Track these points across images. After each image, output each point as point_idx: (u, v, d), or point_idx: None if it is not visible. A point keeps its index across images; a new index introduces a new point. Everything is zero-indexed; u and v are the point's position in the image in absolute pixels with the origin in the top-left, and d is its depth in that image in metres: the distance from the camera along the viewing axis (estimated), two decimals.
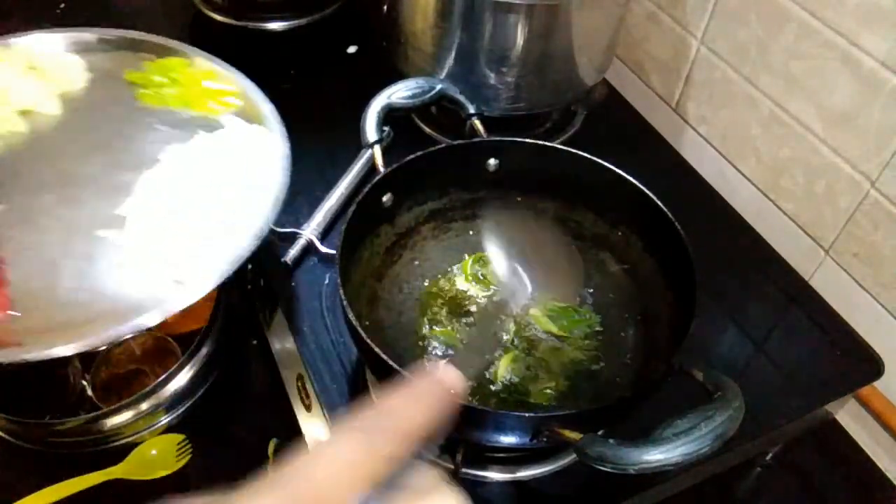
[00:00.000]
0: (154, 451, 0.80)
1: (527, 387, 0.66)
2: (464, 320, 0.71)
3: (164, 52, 0.74)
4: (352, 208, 0.64)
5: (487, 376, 0.66)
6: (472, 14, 0.78)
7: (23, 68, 0.69)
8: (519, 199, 0.77)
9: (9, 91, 0.67)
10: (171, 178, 0.62)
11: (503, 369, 0.66)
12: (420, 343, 0.69)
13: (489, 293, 0.73)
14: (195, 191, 0.62)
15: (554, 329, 0.70)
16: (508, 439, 0.56)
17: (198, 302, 0.56)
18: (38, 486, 0.73)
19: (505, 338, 0.69)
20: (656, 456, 0.46)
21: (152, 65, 0.73)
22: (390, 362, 0.53)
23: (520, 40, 0.79)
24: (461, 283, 0.74)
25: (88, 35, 0.75)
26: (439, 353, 0.68)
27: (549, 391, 0.66)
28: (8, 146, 0.64)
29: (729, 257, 0.82)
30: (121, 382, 0.83)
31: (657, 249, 0.68)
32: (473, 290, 0.73)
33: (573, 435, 0.51)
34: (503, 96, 0.84)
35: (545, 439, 0.54)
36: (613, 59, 0.95)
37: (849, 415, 0.81)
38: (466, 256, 0.76)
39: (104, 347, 0.71)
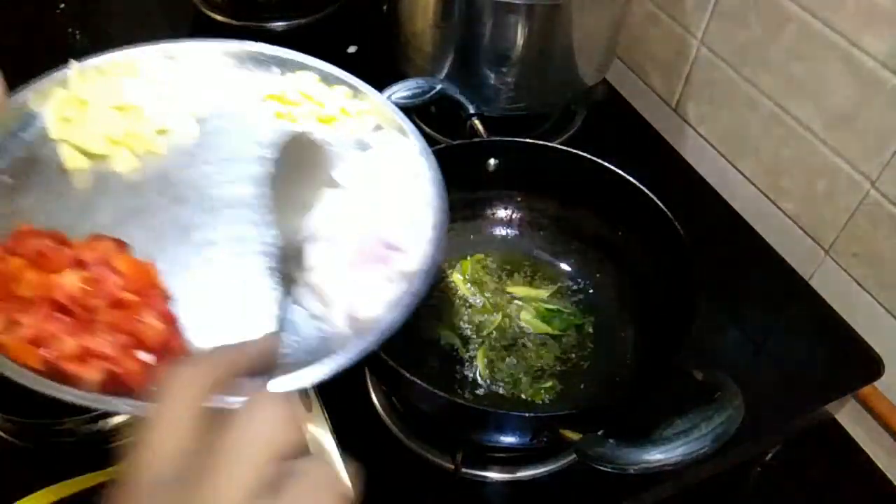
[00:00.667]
0: None
1: (519, 385, 0.66)
2: (464, 320, 0.71)
3: (294, 67, 0.65)
4: None
5: (469, 375, 0.66)
6: (472, 14, 0.78)
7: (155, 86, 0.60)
8: (519, 199, 0.77)
9: (143, 110, 0.59)
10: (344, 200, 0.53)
11: (481, 364, 0.67)
12: (420, 343, 0.69)
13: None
14: (369, 216, 0.53)
15: (548, 329, 0.70)
16: (508, 439, 0.56)
17: None
18: (38, 486, 0.73)
19: (485, 332, 0.70)
20: (656, 456, 0.47)
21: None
22: (390, 362, 0.53)
23: (520, 40, 0.79)
24: (461, 284, 0.74)
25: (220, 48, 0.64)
26: (440, 353, 0.68)
27: (543, 390, 0.66)
28: (149, 169, 0.55)
29: (729, 257, 0.82)
30: None
31: (657, 249, 0.68)
32: (474, 290, 0.73)
33: (573, 435, 0.51)
34: (503, 96, 0.84)
35: (545, 439, 0.54)
36: (613, 59, 0.95)
37: (849, 415, 0.81)
38: (468, 257, 0.76)
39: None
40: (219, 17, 1.03)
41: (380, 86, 0.80)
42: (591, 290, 0.74)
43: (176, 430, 0.31)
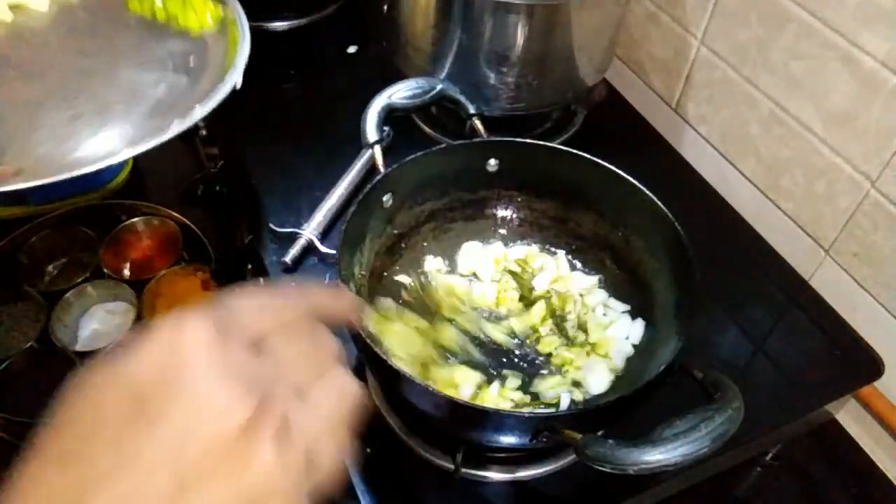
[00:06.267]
0: None
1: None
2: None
3: None
4: (352, 208, 0.64)
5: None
6: (472, 14, 0.78)
7: None
8: (519, 199, 0.77)
9: None
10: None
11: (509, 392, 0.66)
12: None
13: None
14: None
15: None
16: (508, 439, 0.56)
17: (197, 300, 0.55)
18: None
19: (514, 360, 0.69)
20: (656, 456, 0.46)
21: None
22: (390, 362, 0.53)
23: (520, 40, 0.79)
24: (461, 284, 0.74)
25: None
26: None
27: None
28: None
29: (729, 257, 0.82)
30: None
31: (657, 249, 0.68)
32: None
33: (573, 435, 0.51)
34: (503, 96, 0.84)
35: (545, 439, 0.54)
36: (613, 59, 0.95)
37: (849, 415, 0.81)
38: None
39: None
40: None
41: (380, 86, 0.81)
42: None
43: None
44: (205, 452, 0.26)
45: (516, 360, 0.68)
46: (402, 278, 0.72)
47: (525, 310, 0.71)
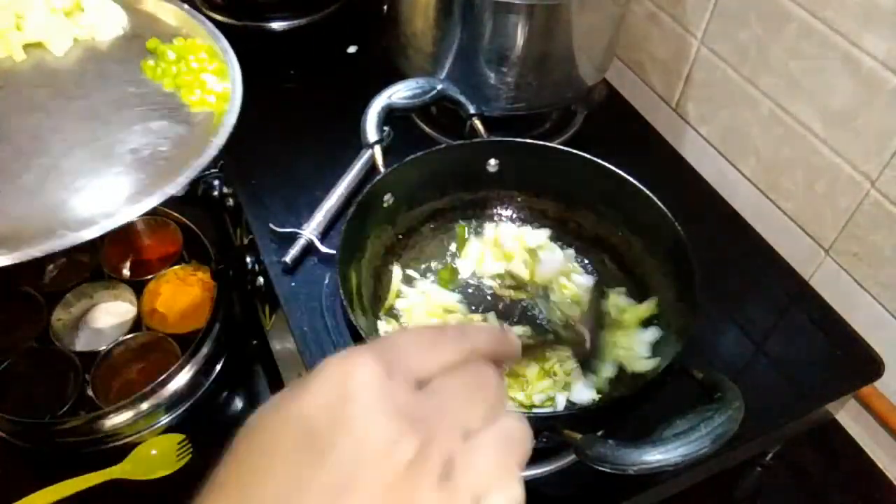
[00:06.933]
0: (154, 451, 0.80)
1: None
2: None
3: (198, 34, 0.77)
4: (352, 208, 0.64)
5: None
6: (472, 14, 0.77)
7: (68, 5, 0.74)
8: (519, 199, 0.77)
9: (24, 21, 0.71)
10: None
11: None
12: None
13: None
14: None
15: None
16: None
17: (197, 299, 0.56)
18: (38, 486, 0.73)
19: None
20: (655, 456, 0.47)
21: (181, 42, 0.75)
22: None
23: (520, 40, 0.79)
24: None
25: None
26: None
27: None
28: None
29: (729, 257, 0.82)
30: (121, 382, 0.83)
31: (657, 250, 0.68)
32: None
33: (573, 435, 0.51)
34: (503, 96, 0.84)
35: (545, 439, 0.54)
36: (613, 59, 0.95)
37: (849, 415, 0.81)
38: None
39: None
40: (219, 17, 1.02)
41: (380, 86, 0.81)
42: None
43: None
44: (370, 490, 0.26)
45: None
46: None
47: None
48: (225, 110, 0.69)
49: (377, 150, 0.76)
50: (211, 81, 0.71)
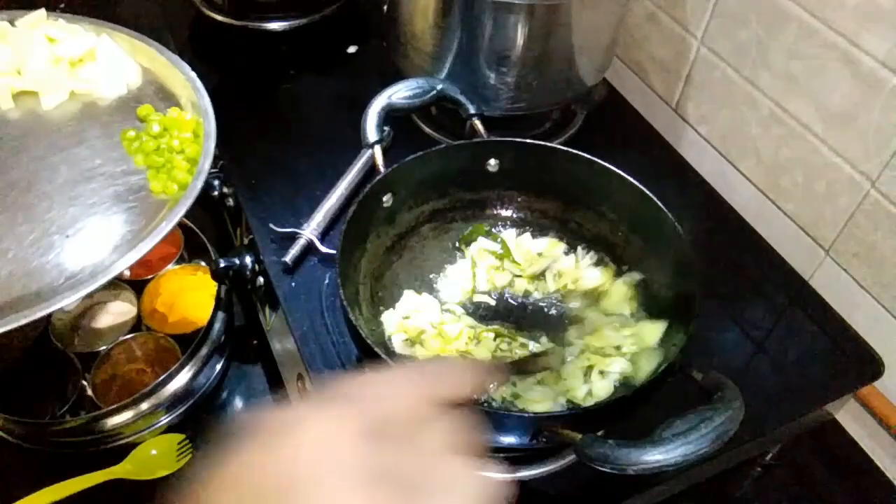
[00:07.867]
0: (154, 451, 0.80)
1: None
2: None
3: (195, 110, 0.73)
4: (352, 208, 0.64)
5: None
6: (472, 14, 0.77)
7: (79, 54, 0.71)
8: (519, 199, 0.77)
9: (24, 67, 0.69)
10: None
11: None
12: None
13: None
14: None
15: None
16: (508, 439, 0.56)
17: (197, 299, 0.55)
18: (38, 486, 0.73)
19: None
20: (655, 456, 0.46)
21: (174, 115, 0.71)
22: (391, 363, 0.53)
23: (520, 40, 0.79)
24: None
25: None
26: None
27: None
28: None
29: (729, 257, 0.82)
30: (121, 382, 0.83)
31: (657, 249, 0.68)
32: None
33: (573, 435, 0.51)
34: (503, 96, 0.84)
35: (545, 439, 0.54)
36: (613, 59, 0.95)
37: (849, 415, 0.81)
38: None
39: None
40: (219, 18, 1.02)
41: (380, 86, 0.81)
42: None
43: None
44: None
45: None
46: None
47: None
48: (178, 199, 0.65)
49: (377, 150, 0.76)
50: (181, 167, 0.67)
